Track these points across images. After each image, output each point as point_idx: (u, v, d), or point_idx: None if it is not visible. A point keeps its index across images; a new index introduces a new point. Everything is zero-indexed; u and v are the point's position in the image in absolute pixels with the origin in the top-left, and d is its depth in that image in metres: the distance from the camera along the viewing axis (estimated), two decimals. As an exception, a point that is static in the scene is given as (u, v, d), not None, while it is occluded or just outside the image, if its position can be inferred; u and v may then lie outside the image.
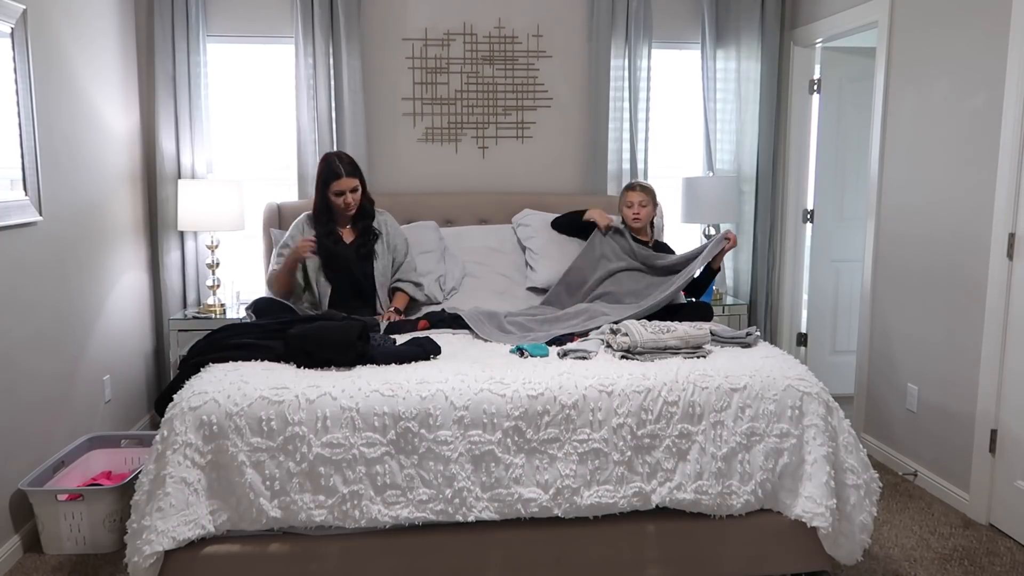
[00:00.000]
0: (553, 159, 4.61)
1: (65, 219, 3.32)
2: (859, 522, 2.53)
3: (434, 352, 2.78)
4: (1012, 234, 3.04)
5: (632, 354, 2.74)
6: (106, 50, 3.79)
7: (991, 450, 3.19)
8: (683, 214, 4.56)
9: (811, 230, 4.74)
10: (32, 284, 3.07)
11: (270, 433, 2.36)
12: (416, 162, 4.51)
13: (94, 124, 3.62)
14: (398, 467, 2.39)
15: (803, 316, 4.86)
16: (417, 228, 3.99)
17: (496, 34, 4.49)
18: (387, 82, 4.44)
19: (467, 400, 2.43)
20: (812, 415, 2.54)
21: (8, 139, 2.92)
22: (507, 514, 2.43)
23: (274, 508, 2.36)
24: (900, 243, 3.73)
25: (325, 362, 2.62)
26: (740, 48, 4.59)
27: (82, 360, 3.48)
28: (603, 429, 2.46)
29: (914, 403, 3.64)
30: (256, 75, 4.48)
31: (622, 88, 4.51)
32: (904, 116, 3.69)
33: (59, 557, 2.93)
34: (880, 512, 3.22)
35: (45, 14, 3.17)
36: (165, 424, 2.38)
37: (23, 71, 2.97)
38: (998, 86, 3.10)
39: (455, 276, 3.88)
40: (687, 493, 2.48)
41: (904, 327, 3.71)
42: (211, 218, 4.02)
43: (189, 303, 4.34)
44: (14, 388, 2.94)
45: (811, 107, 4.65)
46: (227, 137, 4.47)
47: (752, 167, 4.67)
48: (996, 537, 3.10)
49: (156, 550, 2.27)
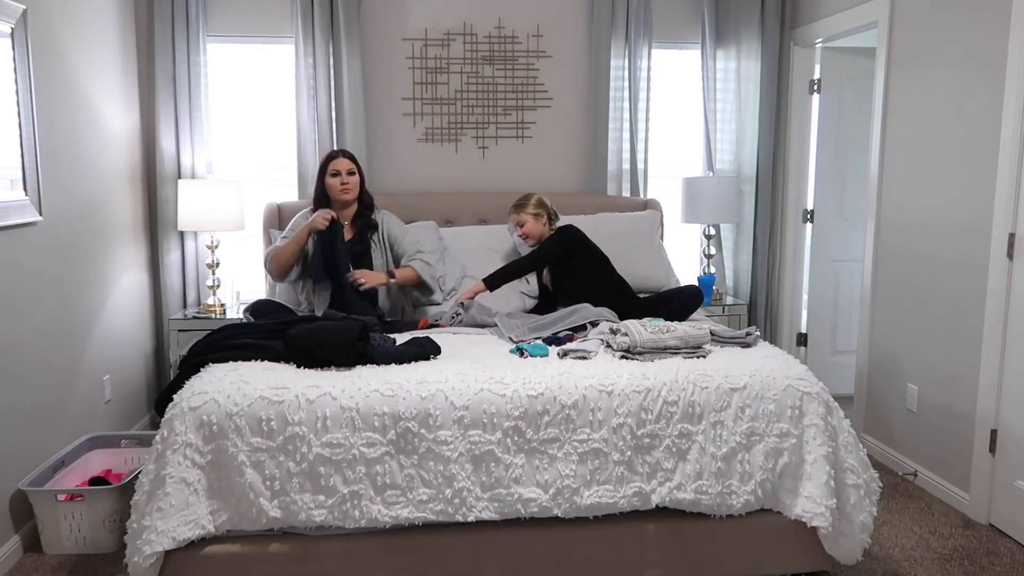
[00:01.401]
0: (553, 159, 4.62)
1: (65, 219, 3.32)
2: (859, 522, 2.53)
3: (434, 352, 2.78)
4: (1012, 234, 3.04)
5: (632, 354, 2.74)
6: (106, 50, 3.79)
7: (991, 450, 3.19)
8: (683, 214, 4.56)
9: (811, 230, 4.74)
10: (32, 284, 3.07)
11: (270, 433, 2.36)
12: (416, 162, 4.51)
13: (94, 124, 3.62)
14: (398, 467, 2.39)
15: (803, 316, 4.86)
16: (417, 228, 3.98)
17: (496, 34, 4.49)
18: (387, 82, 4.45)
19: (467, 400, 2.43)
20: (812, 415, 2.54)
21: (8, 139, 2.92)
22: (507, 514, 2.43)
23: (274, 508, 2.36)
24: (900, 243, 3.73)
25: (325, 362, 2.62)
26: (740, 48, 4.59)
27: (82, 360, 3.48)
28: (603, 429, 2.46)
29: (914, 403, 3.64)
30: (256, 75, 4.48)
31: (622, 88, 4.51)
32: (904, 116, 3.69)
33: (59, 557, 2.93)
34: (880, 512, 3.22)
35: (45, 14, 3.17)
36: (165, 424, 2.38)
37: (23, 71, 2.97)
38: (998, 86, 3.10)
39: (455, 276, 3.87)
40: (687, 493, 2.48)
41: (904, 327, 3.71)
42: (211, 218, 4.02)
43: (189, 303, 4.34)
44: (14, 388, 2.94)
45: (811, 107, 4.65)
46: (227, 137, 4.47)
47: (752, 167, 4.67)
48: (996, 537, 3.10)
49: (156, 550, 2.27)
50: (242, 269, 4.48)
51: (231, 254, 4.46)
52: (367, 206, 3.61)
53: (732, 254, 4.83)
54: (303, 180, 4.30)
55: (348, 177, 3.50)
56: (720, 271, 4.77)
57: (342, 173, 3.49)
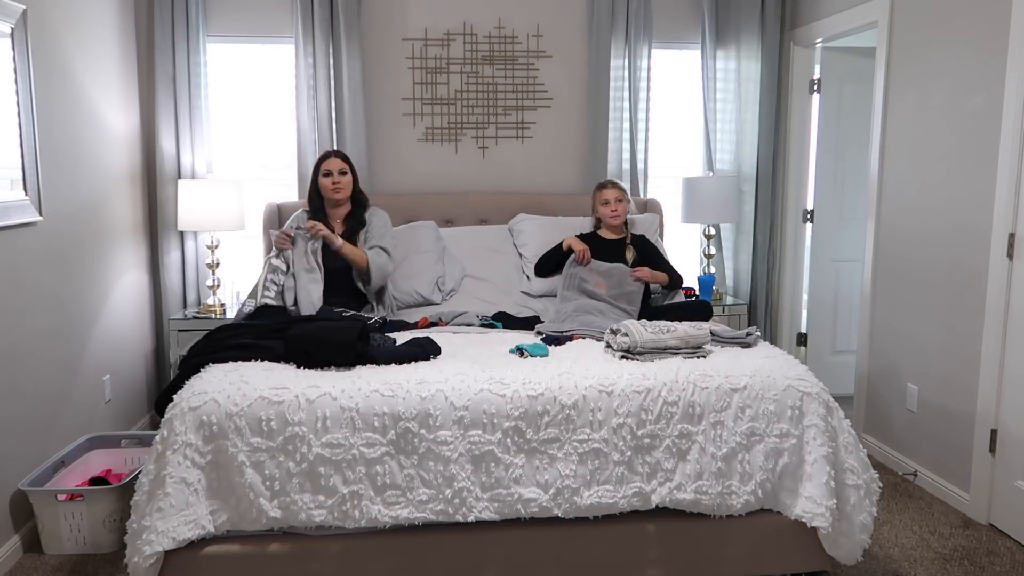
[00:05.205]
0: (553, 159, 4.61)
1: (65, 219, 3.32)
2: (859, 522, 2.53)
3: (434, 352, 2.78)
4: (1012, 234, 3.04)
5: (632, 354, 2.73)
6: (106, 50, 3.79)
7: (991, 450, 3.19)
8: (683, 214, 4.56)
9: (811, 230, 4.74)
10: (32, 284, 3.07)
11: (270, 433, 2.36)
12: (416, 162, 4.51)
13: (94, 124, 3.62)
14: (398, 467, 2.39)
15: (803, 316, 4.86)
16: (416, 228, 3.99)
17: (496, 34, 4.49)
18: (387, 82, 4.44)
19: (467, 400, 2.43)
20: (812, 415, 2.54)
21: (8, 139, 2.92)
22: (507, 514, 2.43)
23: (274, 508, 2.35)
24: (900, 243, 3.73)
25: (325, 362, 2.62)
26: (740, 48, 4.59)
27: (82, 360, 3.48)
28: (603, 429, 2.46)
29: (914, 403, 3.64)
30: (256, 75, 4.48)
31: (622, 88, 4.51)
32: (904, 116, 3.69)
33: (59, 557, 2.93)
34: (880, 512, 3.22)
35: (45, 14, 3.17)
36: (165, 424, 2.38)
37: (23, 71, 2.97)
38: (998, 86, 3.09)
39: (455, 277, 3.87)
40: (687, 493, 2.48)
41: (904, 327, 3.71)
42: (211, 218, 4.02)
43: (189, 303, 4.34)
44: (14, 388, 2.94)
45: (811, 107, 4.65)
46: (227, 137, 4.47)
47: (752, 167, 4.67)
48: (996, 537, 3.10)
49: (156, 550, 2.27)
50: (242, 269, 4.47)
51: (231, 254, 4.46)
52: (361, 205, 3.62)
53: (732, 254, 4.83)
54: (303, 180, 4.30)
55: (340, 177, 3.53)
56: (720, 271, 4.77)
57: (334, 173, 3.53)
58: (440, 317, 3.50)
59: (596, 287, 3.54)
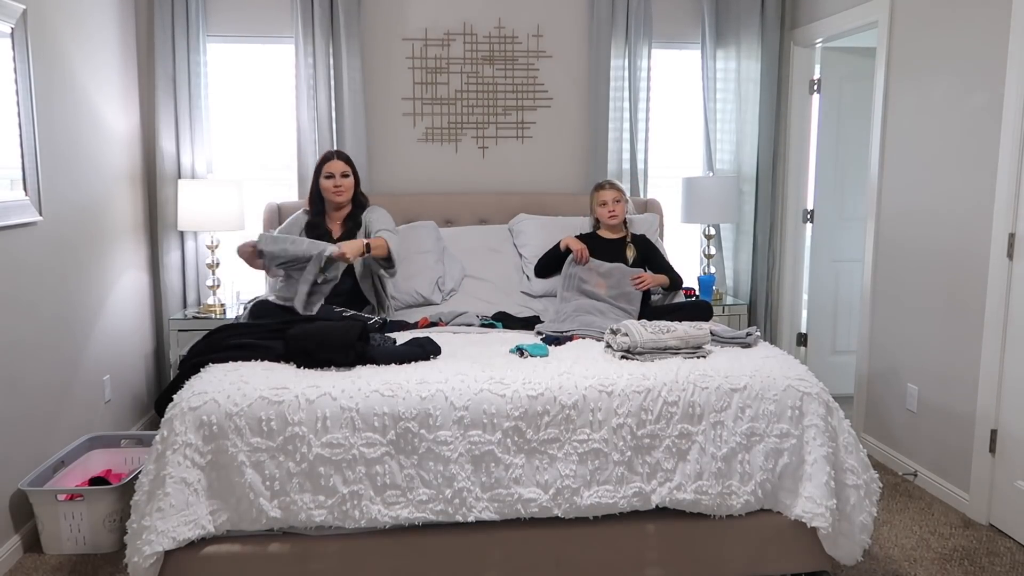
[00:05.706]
0: (553, 159, 4.61)
1: (65, 219, 3.32)
2: (859, 522, 2.53)
3: (434, 352, 2.78)
4: (1012, 234, 3.04)
5: (632, 354, 2.73)
6: (106, 50, 3.79)
7: (991, 450, 3.19)
8: (683, 214, 4.56)
9: (811, 230, 4.74)
10: (32, 284, 3.07)
11: (270, 433, 2.36)
12: (416, 162, 4.51)
13: (94, 124, 3.62)
14: (398, 467, 2.39)
15: (803, 316, 4.86)
16: (416, 228, 3.99)
17: (496, 34, 4.49)
18: (387, 82, 4.44)
19: (467, 400, 2.43)
20: (812, 415, 2.54)
21: (8, 139, 2.92)
22: (507, 514, 2.43)
23: (274, 508, 2.36)
24: (900, 243, 3.73)
25: (325, 362, 2.62)
26: (740, 48, 4.59)
27: (82, 360, 3.48)
28: (603, 429, 2.46)
29: (914, 403, 3.64)
30: (256, 75, 4.48)
31: (622, 88, 4.51)
32: (904, 116, 3.69)
33: (59, 557, 2.93)
34: (880, 512, 3.22)
35: (45, 14, 3.17)
36: (165, 424, 2.38)
37: (23, 71, 2.97)
38: (998, 86, 3.10)
39: (455, 277, 3.87)
40: (687, 493, 2.48)
41: (904, 327, 3.71)
42: (211, 218, 4.02)
43: (189, 303, 4.34)
44: (14, 388, 2.94)
45: (811, 107, 4.65)
46: (227, 137, 4.47)
47: (752, 167, 4.67)
48: (996, 537, 3.10)
49: (156, 550, 2.27)
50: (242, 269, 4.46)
51: (231, 254, 4.45)
52: (361, 207, 3.61)
53: (732, 254, 4.83)
54: (303, 180, 4.30)
55: (342, 179, 3.51)
56: (720, 271, 4.77)
57: (336, 175, 3.51)
58: (440, 317, 3.51)
59: (596, 287, 3.54)
